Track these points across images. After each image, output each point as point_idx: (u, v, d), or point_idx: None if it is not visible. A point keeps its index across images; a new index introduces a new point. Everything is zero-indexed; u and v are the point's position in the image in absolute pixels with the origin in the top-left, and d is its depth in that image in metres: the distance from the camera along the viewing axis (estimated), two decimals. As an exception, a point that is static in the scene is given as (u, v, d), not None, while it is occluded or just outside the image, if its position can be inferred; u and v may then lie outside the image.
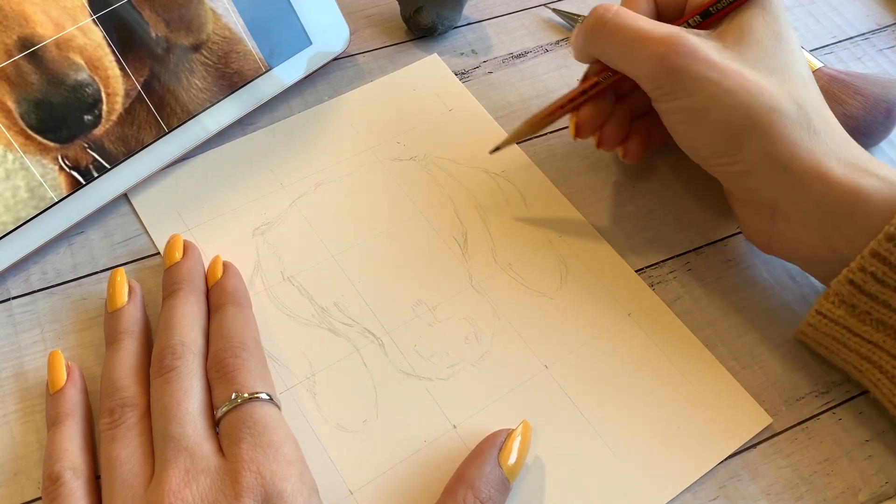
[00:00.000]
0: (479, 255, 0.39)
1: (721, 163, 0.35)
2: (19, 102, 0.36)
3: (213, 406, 0.31)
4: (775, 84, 0.33)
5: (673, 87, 0.34)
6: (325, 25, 0.45)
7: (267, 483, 0.28)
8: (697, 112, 0.34)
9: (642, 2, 0.38)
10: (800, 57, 0.35)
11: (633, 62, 0.35)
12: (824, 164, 0.32)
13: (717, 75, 0.33)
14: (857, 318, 0.33)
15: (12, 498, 0.31)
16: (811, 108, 0.33)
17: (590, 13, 0.37)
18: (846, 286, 0.32)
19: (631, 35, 0.35)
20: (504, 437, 0.32)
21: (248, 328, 0.34)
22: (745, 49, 0.34)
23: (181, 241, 0.37)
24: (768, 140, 0.33)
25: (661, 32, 0.34)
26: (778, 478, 0.34)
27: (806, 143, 0.33)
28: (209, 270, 0.37)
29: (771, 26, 0.35)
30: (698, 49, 0.33)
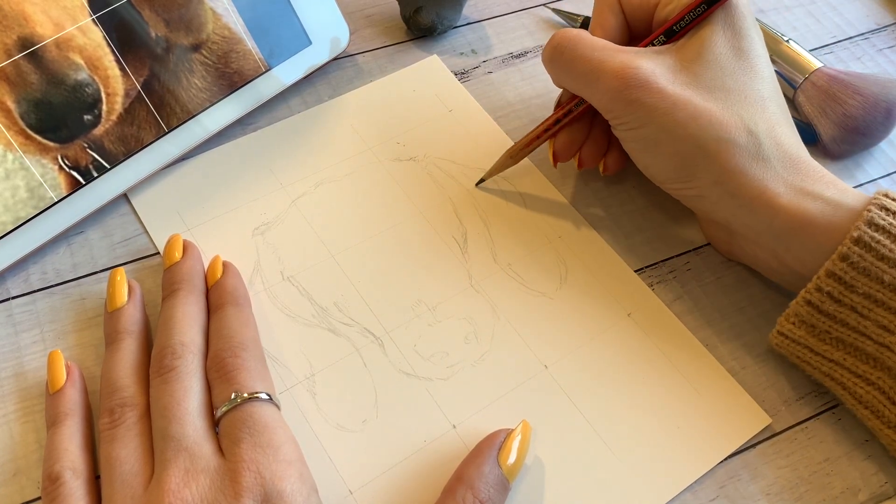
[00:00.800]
0: (479, 256, 0.39)
1: (675, 187, 0.37)
2: (19, 102, 0.36)
3: (212, 406, 0.31)
4: (727, 109, 0.34)
5: (628, 118, 0.35)
6: (325, 25, 0.45)
7: (266, 483, 0.28)
8: (650, 142, 0.35)
9: (610, 18, 0.38)
10: (761, 72, 0.35)
11: (590, 93, 0.36)
12: (771, 190, 0.33)
13: (669, 105, 0.34)
14: (817, 337, 0.33)
15: (12, 498, 0.31)
16: (763, 132, 0.34)
17: (549, 41, 0.37)
18: (804, 307, 0.33)
19: (587, 66, 0.35)
20: (503, 437, 0.32)
21: (248, 328, 0.34)
22: (702, 68, 0.35)
23: (181, 240, 0.37)
24: (717, 169, 0.34)
25: (615, 63, 0.35)
26: (778, 478, 0.34)
27: (753, 170, 0.34)
28: (209, 270, 0.37)
29: (732, 42, 0.35)
30: (650, 80, 0.34)
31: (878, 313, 0.32)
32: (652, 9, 0.38)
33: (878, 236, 0.31)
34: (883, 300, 0.31)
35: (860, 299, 0.32)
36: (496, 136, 0.44)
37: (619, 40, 0.38)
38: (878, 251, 0.31)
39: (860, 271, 0.32)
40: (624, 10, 0.38)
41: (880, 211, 0.32)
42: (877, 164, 0.46)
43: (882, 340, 0.32)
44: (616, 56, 0.35)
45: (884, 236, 0.32)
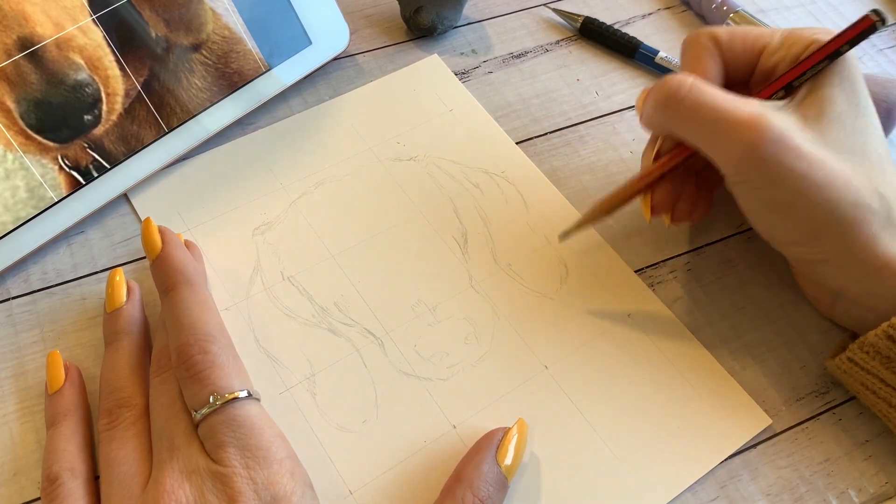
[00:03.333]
0: (479, 256, 0.39)
1: (798, 250, 0.34)
2: (19, 102, 0.36)
3: (187, 407, 0.30)
4: (857, 171, 0.32)
5: (757, 176, 0.32)
6: (325, 25, 0.45)
7: (259, 489, 0.28)
8: (780, 204, 0.32)
9: (710, 63, 0.35)
10: (876, 128, 0.34)
11: (714, 146, 0.33)
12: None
13: (806, 166, 0.31)
14: (891, 369, 0.32)
15: (12, 498, 0.31)
16: (892, 193, 0.32)
17: (661, 85, 0.34)
18: (884, 340, 0.32)
19: (712, 115, 0.32)
20: (501, 436, 0.32)
21: (209, 312, 0.32)
22: (827, 127, 0.32)
23: (155, 229, 0.34)
24: (850, 236, 0.32)
25: (745, 114, 0.31)
26: (778, 478, 0.34)
27: (885, 237, 0.32)
28: (143, 238, 0.34)
29: (850, 97, 0.33)
30: (785, 136, 0.31)
31: None
32: (756, 56, 0.35)
33: None
34: None
35: None
36: (497, 136, 0.44)
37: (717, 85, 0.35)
38: None
39: None
40: (723, 55, 0.36)
41: None
42: (877, 164, 0.45)
43: None
44: (743, 105, 0.32)
45: None
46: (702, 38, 0.36)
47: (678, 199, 0.37)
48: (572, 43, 0.50)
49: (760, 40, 0.35)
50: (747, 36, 0.36)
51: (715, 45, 0.35)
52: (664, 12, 0.52)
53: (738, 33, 0.36)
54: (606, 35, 0.49)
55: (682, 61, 0.37)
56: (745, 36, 0.36)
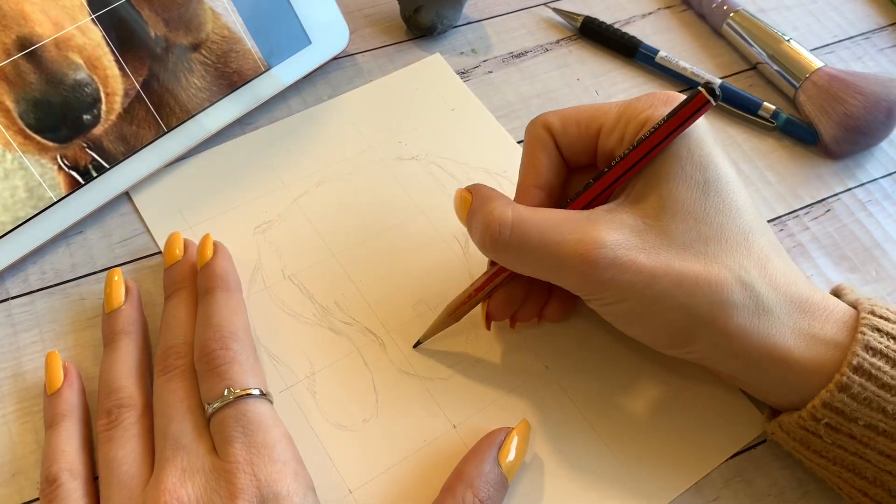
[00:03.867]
0: (480, 255, 0.39)
1: (671, 352, 0.32)
2: (18, 102, 0.36)
3: (202, 401, 0.31)
4: (711, 264, 0.29)
5: (602, 296, 0.31)
6: (325, 25, 0.45)
7: (262, 485, 0.28)
8: (634, 315, 0.31)
9: (543, 158, 0.34)
10: (736, 202, 0.31)
11: (552, 277, 0.31)
12: (780, 346, 0.30)
13: (647, 278, 0.29)
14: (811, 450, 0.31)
15: (11, 498, 0.31)
16: (756, 279, 0.30)
17: (482, 226, 0.31)
18: (798, 430, 0.31)
19: (540, 255, 0.30)
20: (503, 436, 0.32)
21: (238, 315, 0.33)
22: (670, 222, 0.30)
23: (181, 238, 0.37)
24: (716, 335, 0.30)
25: (573, 244, 0.29)
26: (778, 478, 0.34)
27: (756, 327, 0.30)
28: (199, 250, 0.36)
29: (695, 176, 0.30)
30: (619, 255, 0.29)
31: (881, 442, 0.29)
32: (594, 139, 0.33)
33: (878, 362, 0.29)
34: (886, 430, 0.29)
35: (861, 429, 0.29)
36: (498, 135, 0.44)
37: (554, 180, 0.34)
38: (879, 379, 0.29)
39: (861, 402, 0.29)
40: (560, 145, 0.34)
41: (874, 333, 0.29)
42: (877, 163, 0.45)
43: (883, 467, 0.30)
44: (571, 233, 0.30)
45: (882, 361, 0.29)
46: (536, 131, 0.34)
47: (519, 306, 0.34)
48: (572, 42, 0.50)
49: (595, 122, 0.33)
50: (580, 119, 0.33)
51: (549, 136, 0.34)
52: (664, 12, 0.52)
53: (571, 118, 0.34)
54: (606, 35, 0.49)
55: (522, 155, 0.35)
56: (577, 120, 0.33)
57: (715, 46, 0.51)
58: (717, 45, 0.51)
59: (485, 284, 0.34)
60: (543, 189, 0.34)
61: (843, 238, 0.42)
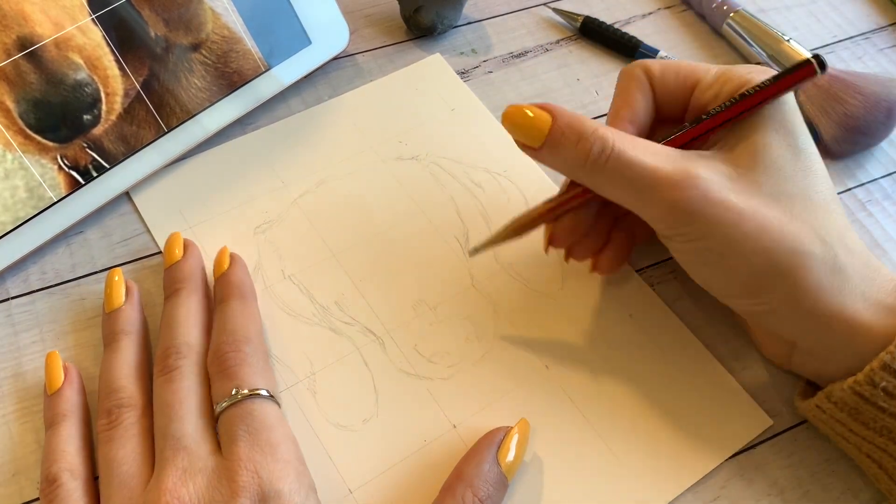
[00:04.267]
0: (480, 255, 0.39)
1: (740, 303, 0.33)
2: (18, 102, 0.36)
3: (212, 402, 0.31)
4: (796, 217, 0.30)
5: (686, 230, 0.31)
6: (325, 25, 0.45)
7: (264, 483, 0.28)
8: (714, 255, 0.31)
9: (639, 98, 0.34)
10: (819, 172, 0.32)
11: (639, 204, 0.31)
12: (850, 308, 0.30)
13: (735, 217, 0.30)
14: (860, 422, 0.31)
15: (11, 498, 0.31)
16: (835, 238, 0.31)
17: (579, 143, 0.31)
18: (852, 396, 0.31)
19: (635, 175, 0.31)
20: (502, 435, 0.32)
21: (252, 322, 0.34)
22: (761, 175, 0.31)
23: (181, 238, 0.37)
24: (792, 286, 0.30)
25: (669, 172, 0.30)
26: (778, 478, 0.34)
27: (831, 285, 0.30)
28: (216, 261, 0.36)
29: (787, 140, 0.32)
30: (711, 189, 0.30)
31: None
32: (689, 91, 0.34)
33: None
34: None
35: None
36: (498, 135, 0.44)
37: (645, 122, 0.35)
38: None
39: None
40: (655, 90, 0.34)
41: None
42: (878, 163, 0.45)
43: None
44: (668, 163, 0.30)
45: None
46: (635, 71, 0.35)
47: (581, 238, 0.35)
48: (572, 42, 0.50)
49: (694, 75, 0.34)
50: (680, 70, 0.34)
51: (647, 79, 0.34)
52: (664, 12, 0.52)
53: (671, 67, 0.34)
54: (606, 35, 0.49)
55: (615, 93, 0.35)
56: (678, 70, 0.34)
57: (715, 46, 0.51)
58: (717, 45, 0.51)
59: (559, 206, 0.34)
60: (635, 125, 0.34)
61: (843, 238, 0.42)
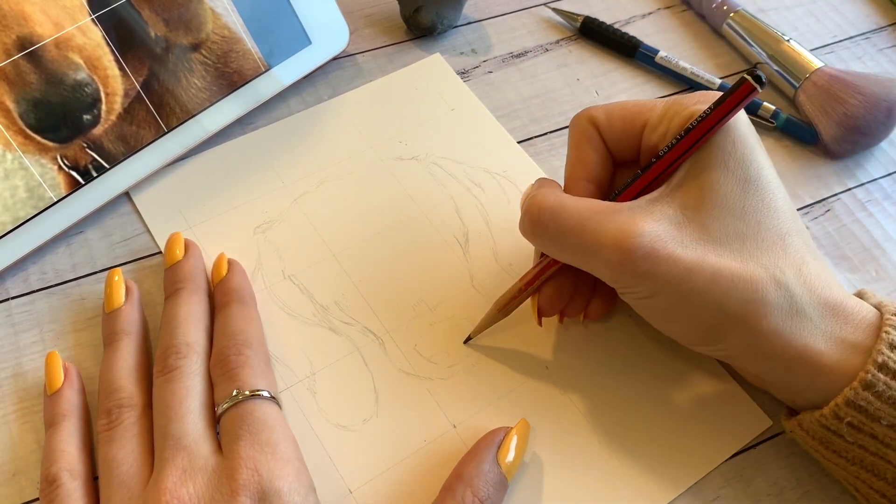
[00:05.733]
0: (481, 255, 0.39)
1: (702, 349, 0.32)
2: (18, 102, 0.36)
3: (214, 403, 0.31)
4: (747, 261, 0.30)
5: (637, 289, 0.31)
6: (325, 25, 0.45)
7: (264, 481, 0.28)
8: (667, 310, 0.31)
9: (590, 152, 0.34)
10: (775, 202, 0.31)
11: (588, 267, 0.32)
12: (812, 349, 0.30)
13: (683, 272, 0.29)
14: (831, 450, 0.31)
15: (11, 498, 0.31)
16: (791, 279, 0.30)
17: (525, 209, 0.32)
18: (819, 428, 0.30)
19: (577, 241, 0.31)
20: (502, 436, 0.32)
21: (253, 326, 0.34)
22: (709, 217, 0.30)
23: (182, 238, 0.37)
24: (749, 334, 0.30)
25: (611, 233, 0.30)
26: (778, 479, 0.34)
27: (789, 328, 0.30)
28: (214, 268, 0.37)
29: (737, 173, 0.30)
30: (656, 247, 0.29)
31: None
32: (637, 135, 0.34)
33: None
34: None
35: (883, 429, 0.29)
36: (498, 135, 0.44)
37: (602, 175, 0.34)
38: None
39: (885, 401, 0.28)
40: (605, 139, 0.34)
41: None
42: (877, 163, 0.45)
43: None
44: (610, 222, 0.30)
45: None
46: (581, 123, 0.34)
47: (568, 301, 0.35)
48: (572, 42, 0.50)
49: (640, 117, 0.33)
50: (626, 114, 0.34)
51: (595, 129, 0.34)
52: (664, 12, 0.52)
53: (616, 112, 0.34)
54: (606, 35, 0.49)
55: (567, 149, 0.35)
56: (623, 115, 0.34)
57: (715, 46, 0.51)
58: (717, 45, 0.51)
59: (535, 278, 0.34)
60: (592, 182, 0.34)
61: (843, 238, 0.42)
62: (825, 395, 0.30)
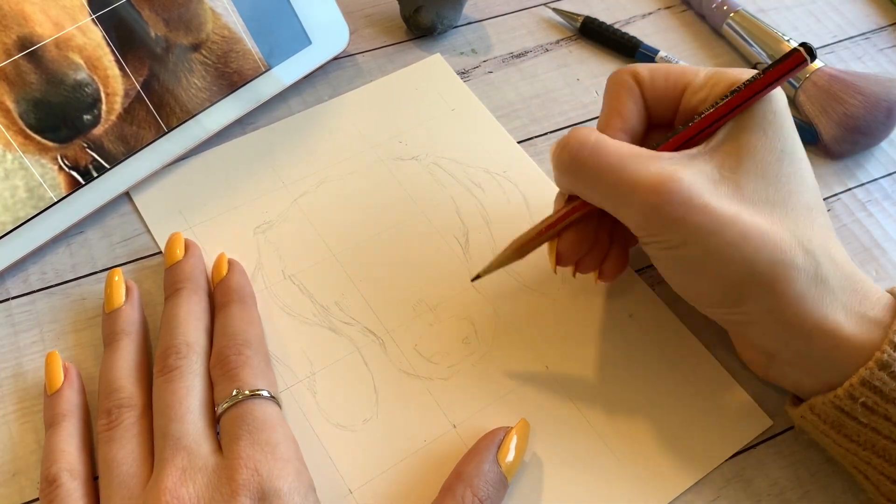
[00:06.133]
0: (481, 255, 0.39)
1: (719, 311, 0.32)
2: (18, 102, 0.36)
3: (214, 403, 0.31)
4: (779, 225, 0.30)
5: (666, 237, 0.30)
6: (325, 25, 0.45)
7: (264, 481, 0.28)
8: (692, 263, 0.31)
9: (630, 105, 0.34)
10: (806, 178, 0.31)
11: (619, 208, 0.31)
12: (831, 320, 0.30)
13: (716, 224, 0.29)
14: (842, 434, 0.31)
15: (11, 498, 0.31)
16: (818, 247, 0.30)
17: (563, 143, 0.32)
18: (832, 410, 0.30)
19: (615, 179, 0.30)
20: (502, 435, 0.32)
21: (253, 326, 0.34)
22: (744, 178, 0.30)
23: (182, 238, 0.37)
24: (772, 296, 0.30)
25: (649, 176, 0.30)
26: (779, 478, 0.34)
27: (813, 296, 0.30)
28: (214, 268, 0.37)
29: (773, 143, 0.31)
30: (693, 195, 0.29)
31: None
32: (679, 95, 0.34)
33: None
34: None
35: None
36: (498, 135, 0.44)
37: (637, 129, 0.34)
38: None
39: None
40: (645, 95, 0.34)
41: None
42: (878, 163, 0.45)
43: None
44: (650, 165, 0.30)
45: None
46: (623, 77, 0.34)
47: (587, 251, 0.34)
48: (572, 42, 0.50)
49: (683, 78, 0.34)
50: (669, 74, 0.34)
51: (636, 84, 0.34)
52: (664, 12, 0.52)
53: (660, 71, 0.34)
54: (606, 35, 0.49)
55: (604, 101, 0.35)
56: (667, 74, 0.34)
57: (715, 46, 0.51)
58: (717, 45, 0.51)
59: (557, 221, 0.34)
60: (627, 134, 0.34)
61: (843, 238, 0.42)
62: (840, 372, 0.30)
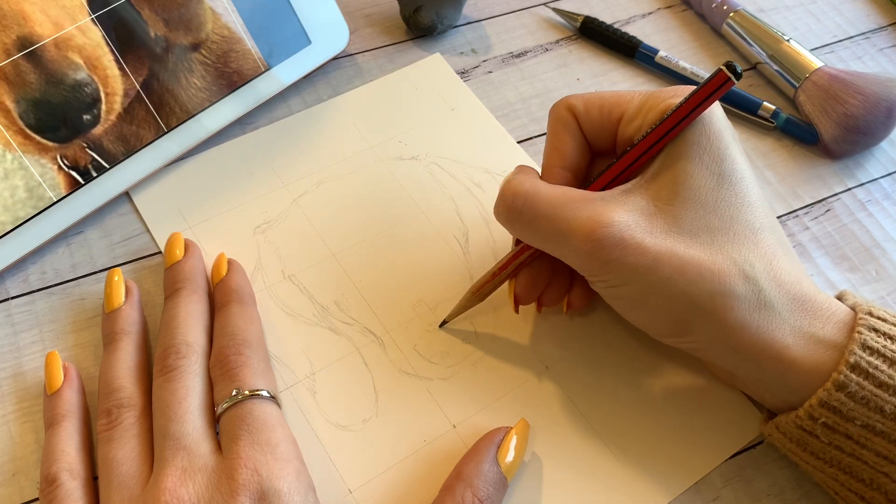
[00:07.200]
0: (480, 255, 0.39)
1: (672, 341, 0.32)
2: (18, 102, 0.36)
3: (214, 403, 0.31)
4: (716, 254, 0.30)
5: (606, 277, 0.31)
6: (325, 25, 0.45)
7: (263, 481, 0.28)
8: (636, 300, 0.31)
9: (568, 141, 0.34)
10: (748, 197, 0.31)
11: (559, 253, 0.32)
12: (779, 343, 0.30)
13: (651, 262, 0.29)
14: (808, 452, 0.31)
15: (11, 498, 0.31)
16: (760, 273, 0.30)
17: (499, 194, 0.33)
18: (795, 429, 0.30)
19: (550, 227, 0.31)
20: (502, 435, 0.32)
21: (253, 326, 0.34)
22: (681, 208, 0.30)
23: (182, 238, 0.37)
24: (715, 326, 0.30)
25: (581, 221, 0.30)
26: (778, 478, 0.34)
27: (756, 322, 0.29)
28: (214, 268, 0.37)
29: (711, 168, 0.31)
30: (624, 237, 0.29)
31: (878, 443, 0.29)
32: (614, 126, 0.34)
33: (875, 361, 0.29)
34: (883, 430, 0.28)
35: (858, 430, 0.29)
36: (498, 135, 0.44)
37: (579, 163, 0.34)
38: (876, 378, 0.28)
39: (858, 401, 0.28)
40: (583, 129, 0.34)
41: (871, 332, 0.29)
42: (877, 163, 0.45)
43: (880, 468, 0.29)
44: (582, 210, 0.30)
45: (880, 360, 0.29)
46: (559, 111, 0.34)
47: (544, 287, 0.35)
48: (572, 42, 0.50)
49: (618, 108, 0.33)
50: (604, 104, 0.34)
51: (572, 117, 0.34)
52: (664, 11, 0.52)
53: (594, 102, 0.34)
54: (606, 34, 0.49)
55: (546, 137, 0.35)
56: (601, 104, 0.34)
57: (715, 46, 0.51)
58: (716, 45, 0.51)
59: (508, 262, 0.34)
60: (569, 170, 0.34)
61: (843, 238, 0.42)
62: (797, 393, 0.30)
